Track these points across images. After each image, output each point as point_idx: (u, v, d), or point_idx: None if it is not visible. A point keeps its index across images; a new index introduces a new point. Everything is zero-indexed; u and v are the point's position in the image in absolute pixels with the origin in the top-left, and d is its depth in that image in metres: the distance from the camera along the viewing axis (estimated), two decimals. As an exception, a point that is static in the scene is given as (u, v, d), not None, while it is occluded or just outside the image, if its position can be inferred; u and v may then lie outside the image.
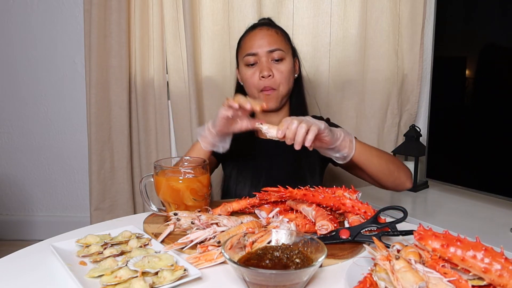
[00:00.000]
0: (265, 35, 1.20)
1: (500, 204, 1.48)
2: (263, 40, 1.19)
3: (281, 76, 1.18)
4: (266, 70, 1.17)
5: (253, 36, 1.21)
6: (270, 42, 1.19)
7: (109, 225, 0.88)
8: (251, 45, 1.20)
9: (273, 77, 1.18)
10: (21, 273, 0.67)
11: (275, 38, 1.20)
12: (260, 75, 1.18)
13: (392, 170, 1.06)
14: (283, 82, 1.19)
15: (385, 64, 1.78)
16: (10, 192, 2.30)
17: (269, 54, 1.18)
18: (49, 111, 2.20)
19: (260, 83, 1.18)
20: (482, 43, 1.44)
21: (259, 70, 1.18)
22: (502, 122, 1.36)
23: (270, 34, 1.21)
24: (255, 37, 1.21)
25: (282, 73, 1.18)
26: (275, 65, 1.19)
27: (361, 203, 0.85)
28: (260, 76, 1.18)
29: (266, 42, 1.19)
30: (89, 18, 1.81)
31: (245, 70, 1.22)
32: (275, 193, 0.86)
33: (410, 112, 1.86)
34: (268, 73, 1.17)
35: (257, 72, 1.19)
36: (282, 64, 1.19)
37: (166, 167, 0.90)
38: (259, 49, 1.18)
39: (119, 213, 1.97)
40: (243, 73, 1.23)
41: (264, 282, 0.57)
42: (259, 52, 1.18)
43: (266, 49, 1.18)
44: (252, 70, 1.20)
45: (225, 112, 0.95)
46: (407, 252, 0.59)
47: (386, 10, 1.74)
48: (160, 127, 1.95)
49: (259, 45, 1.19)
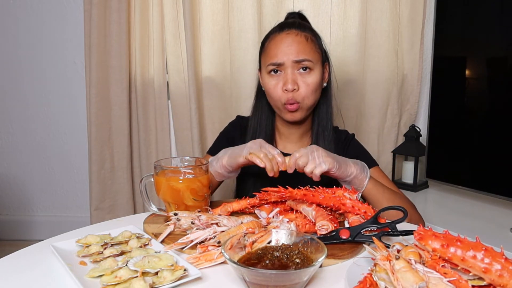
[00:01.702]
0: (293, 42, 1.07)
1: (500, 204, 1.48)
2: (290, 48, 1.07)
3: (306, 89, 1.07)
4: (290, 83, 1.06)
5: (280, 42, 1.08)
6: (298, 50, 1.06)
7: (109, 225, 0.88)
8: (276, 53, 1.08)
9: (298, 90, 1.07)
10: (21, 273, 0.67)
11: (303, 46, 1.07)
12: (283, 88, 1.07)
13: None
14: (309, 96, 1.08)
15: (385, 64, 1.78)
16: (10, 192, 2.30)
17: (295, 64, 1.07)
18: (49, 111, 2.20)
19: (284, 96, 1.08)
20: (482, 43, 1.44)
21: (283, 81, 1.08)
22: (502, 122, 1.36)
23: (299, 41, 1.08)
24: (282, 43, 1.08)
25: (308, 86, 1.07)
26: (301, 76, 1.07)
27: (361, 203, 0.85)
28: (283, 89, 1.08)
29: (294, 50, 1.06)
30: (89, 18, 1.81)
31: (268, 79, 1.11)
32: (275, 193, 0.86)
33: (410, 112, 1.86)
34: (292, 87, 1.06)
35: (281, 83, 1.08)
36: (309, 75, 1.08)
37: (166, 167, 0.90)
38: (285, 58, 1.07)
39: (119, 213, 1.97)
40: (266, 82, 1.12)
41: (264, 282, 0.57)
42: (284, 61, 1.07)
43: (293, 58, 1.06)
44: (275, 81, 1.09)
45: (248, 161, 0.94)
46: (407, 252, 0.59)
47: (386, 10, 1.74)
48: (160, 127, 1.95)
49: (286, 53, 1.07)
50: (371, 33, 1.77)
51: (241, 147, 0.98)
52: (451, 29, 1.54)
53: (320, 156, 0.91)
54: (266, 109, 1.21)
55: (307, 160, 0.91)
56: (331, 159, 0.92)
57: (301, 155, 0.91)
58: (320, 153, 0.92)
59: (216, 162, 1.01)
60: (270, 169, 0.91)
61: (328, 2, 1.80)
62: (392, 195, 1.03)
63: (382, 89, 1.81)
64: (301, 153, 0.91)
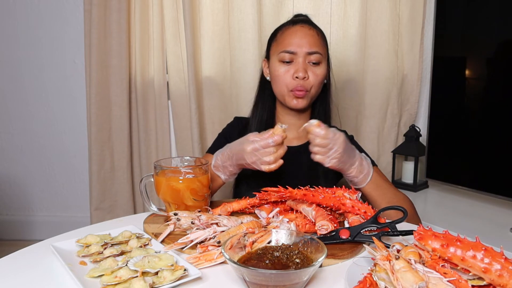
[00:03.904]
0: (306, 34, 1.14)
1: (500, 204, 1.48)
2: (304, 40, 1.13)
3: (315, 80, 1.13)
4: (302, 71, 1.11)
5: (294, 33, 1.14)
6: (311, 43, 1.13)
7: (109, 225, 0.88)
8: (290, 42, 1.14)
9: (307, 79, 1.13)
10: (21, 273, 0.67)
11: (315, 40, 1.14)
12: (294, 75, 1.12)
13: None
14: (316, 86, 1.15)
15: (385, 64, 1.78)
16: (11, 192, 2.30)
17: (307, 56, 1.13)
18: (50, 111, 2.20)
19: (293, 83, 1.13)
20: (482, 43, 1.44)
21: (294, 69, 1.13)
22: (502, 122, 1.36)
23: (312, 35, 1.14)
24: (296, 34, 1.14)
25: (317, 77, 1.14)
26: (312, 67, 1.14)
27: (361, 203, 0.85)
28: (294, 76, 1.12)
29: (307, 42, 1.12)
30: (89, 18, 1.81)
31: (278, 66, 1.15)
32: (275, 193, 0.86)
33: (410, 112, 1.86)
34: (303, 75, 1.11)
35: (292, 70, 1.13)
36: (318, 67, 1.14)
37: (166, 167, 0.90)
38: (298, 49, 1.12)
39: (119, 213, 1.97)
40: (275, 69, 1.16)
41: (264, 282, 0.57)
42: (298, 51, 1.12)
43: (306, 50, 1.12)
44: (286, 68, 1.14)
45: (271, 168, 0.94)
46: (407, 252, 0.60)
47: (386, 10, 1.74)
48: (160, 127, 1.95)
49: (299, 44, 1.12)
50: (371, 33, 1.77)
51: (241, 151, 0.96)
52: (451, 29, 1.54)
53: (335, 152, 0.93)
54: (269, 99, 1.25)
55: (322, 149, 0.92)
56: (338, 163, 0.94)
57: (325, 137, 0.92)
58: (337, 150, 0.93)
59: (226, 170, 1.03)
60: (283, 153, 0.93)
61: (328, 2, 1.80)
62: (394, 194, 1.04)
63: (382, 89, 1.80)
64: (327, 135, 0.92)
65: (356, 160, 0.99)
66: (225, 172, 1.03)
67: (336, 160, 0.93)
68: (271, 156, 0.92)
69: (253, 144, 0.93)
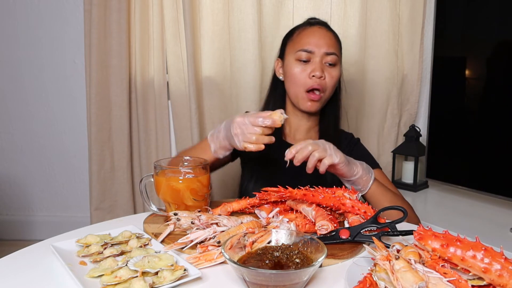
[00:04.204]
0: (325, 35, 1.15)
1: (500, 204, 1.48)
2: (322, 40, 1.13)
3: (330, 81, 1.14)
4: (319, 70, 1.11)
5: (312, 33, 1.15)
6: (328, 44, 1.13)
7: (109, 225, 0.88)
8: (308, 41, 1.14)
9: (324, 79, 1.13)
10: (21, 273, 0.67)
11: (333, 42, 1.15)
12: (311, 74, 1.12)
13: None
14: (330, 88, 1.15)
15: (385, 64, 1.78)
16: (11, 192, 2.30)
17: (324, 56, 1.13)
18: (50, 111, 2.20)
19: (309, 82, 1.12)
20: (482, 43, 1.44)
21: (310, 68, 1.12)
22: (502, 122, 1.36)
23: (329, 37, 1.15)
24: (314, 34, 1.14)
25: (332, 78, 1.14)
26: (328, 68, 1.14)
27: (361, 203, 0.85)
28: (311, 75, 1.12)
29: (325, 43, 1.13)
30: (89, 18, 1.81)
31: (295, 65, 1.15)
32: (275, 193, 0.86)
33: (410, 112, 1.86)
34: (320, 74, 1.11)
35: (308, 69, 1.13)
36: (334, 69, 1.15)
37: (166, 167, 0.90)
38: (316, 48, 1.12)
39: (119, 213, 1.97)
40: (291, 67, 1.16)
41: (264, 282, 0.57)
42: (315, 51, 1.12)
43: (324, 50, 1.12)
44: (302, 67, 1.14)
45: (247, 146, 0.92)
46: (407, 252, 0.60)
47: (386, 10, 1.74)
48: (160, 127, 1.95)
49: (318, 44, 1.13)
50: (371, 33, 1.77)
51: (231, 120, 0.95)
52: (451, 29, 1.54)
53: (331, 148, 0.92)
54: (279, 99, 1.25)
55: (318, 148, 0.90)
56: (341, 154, 0.93)
57: (307, 144, 0.90)
58: (331, 146, 0.93)
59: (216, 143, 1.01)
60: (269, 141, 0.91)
61: (328, 2, 1.80)
62: (394, 197, 1.04)
63: (382, 89, 1.81)
64: (307, 142, 0.91)
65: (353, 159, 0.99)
66: (215, 142, 1.01)
67: (339, 153, 0.93)
68: (253, 135, 0.90)
69: (244, 116, 0.92)
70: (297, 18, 1.81)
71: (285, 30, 1.87)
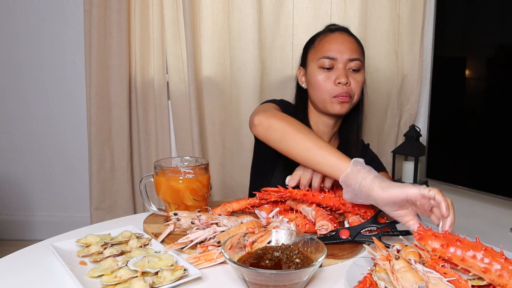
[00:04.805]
0: (346, 41, 1.13)
1: (500, 204, 1.48)
2: (344, 46, 1.12)
3: (356, 86, 1.12)
4: (344, 77, 1.09)
5: (334, 39, 1.13)
6: (351, 50, 1.12)
7: (109, 225, 0.88)
8: (330, 48, 1.12)
9: (350, 85, 1.11)
10: (21, 273, 0.67)
11: (356, 47, 1.13)
12: (336, 81, 1.10)
13: None
14: (357, 92, 1.13)
15: (385, 64, 1.78)
16: (11, 192, 2.30)
17: (347, 63, 1.11)
18: (50, 111, 2.20)
19: (335, 89, 1.10)
20: (482, 43, 1.44)
21: (335, 75, 1.10)
22: (502, 122, 1.36)
23: (352, 42, 1.14)
24: (336, 40, 1.13)
25: (358, 83, 1.12)
26: (352, 74, 1.12)
27: (361, 203, 0.84)
28: (336, 82, 1.10)
29: (348, 49, 1.11)
30: (89, 18, 1.81)
31: (318, 72, 1.13)
32: (275, 193, 0.86)
33: (410, 112, 1.86)
34: (345, 81, 1.09)
35: (333, 77, 1.11)
36: (358, 74, 1.13)
37: (166, 167, 0.90)
38: (339, 55, 1.10)
39: (119, 213, 1.97)
40: (314, 75, 1.14)
41: (264, 282, 0.57)
42: (338, 57, 1.11)
43: (347, 56, 1.10)
44: (326, 74, 1.12)
45: None
46: (407, 252, 0.60)
47: (386, 10, 1.74)
48: (160, 127, 1.95)
49: (340, 50, 1.11)
50: (371, 33, 1.77)
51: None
52: (451, 29, 1.54)
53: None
54: (304, 108, 1.22)
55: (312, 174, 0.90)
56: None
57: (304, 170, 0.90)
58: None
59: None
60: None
61: (328, 2, 1.80)
62: None
63: (382, 89, 1.81)
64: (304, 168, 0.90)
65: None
66: None
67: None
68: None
69: None
70: (297, 18, 1.82)
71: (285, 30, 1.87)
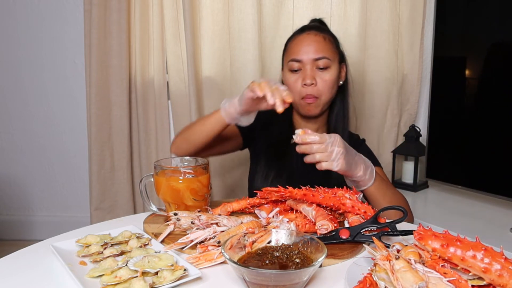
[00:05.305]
0: (312, 41, 1.15)
1: (500, 204, 1.48)
2: (309, 47, 1.15)
3: (324, 85, 1.15)
4: (309, 78, 1.13)
5: (300, 41, 1.17)
6: (317, 49, 1.14)
7: (109, 225, 0.88)
8: (297, 50, 1.16)
9: (316, 85, 1.14)
10: (21, 273, 0.67)
11: (322, 45, 1.15)
12: (302, 83, 1.15)
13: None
14: (326, 92, 1.16)
15: (385, 64, 1.78)
16: (11, 192, 2.30)
17: (314, 62, 1.14)
18: (50, 111, 2.20)
19: (302, 90, 1.15)
20: (482, 43, 1.44)
21: (302, 77, 1.15)
22: (502, 122, 1.36)
23: (318, 41, 1.16)
24: (302, 42, 1.16)
25: (325, 82, 1.15)
26: (319, 73, 1.15)
27: (361, 203, 0.85)
28: (302, 84, 1.15)
29: (313, 49, 1.14)
30: (89, 18, 1.81)
31: (289, 75, 1.19)
32: (275, 193, 0.86)
33: (410, 112, 1.86)
34: (311, 82, 1.13)
35: (300, 79, 1.16)
36: (326, 72, 1.15)
37: (166, 167, 0.90)
38: (304, 56, 1.14)
39: (119, 213, 1.97)
40: (286, 77, 1.20)
41: (264, 282, 0.57)
42: (304, 59, 1.15)
43: (312, 56, 1.14)
44: (295, 77, 1.17)
45: (251, 93, 0.90)
46: (407, 252, 0.60)
47: (386, 10, 1.74)
48: (160, 127, 1.95)
49: (305, 51, 1.15)
50: (371, 33, 1.77)
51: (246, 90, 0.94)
52: (451, 29, 1.54)
53: (338, 153, 0.90)
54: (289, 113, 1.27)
55: (323, 151, 0.89)
56: (345, 163, 0.91)
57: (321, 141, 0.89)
58: (340, 151, 0.90)
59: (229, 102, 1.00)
60: (271, 97, 0.87)
61: (328, 2, 1.80)
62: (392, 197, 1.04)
63: (382, 89, 1.81)
64: (323, 139, 0.89)
65: (359, 158, 0.98)
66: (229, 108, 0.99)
67: (342, 160, 0.91)
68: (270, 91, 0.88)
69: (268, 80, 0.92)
70: (297, 18, 1.82)
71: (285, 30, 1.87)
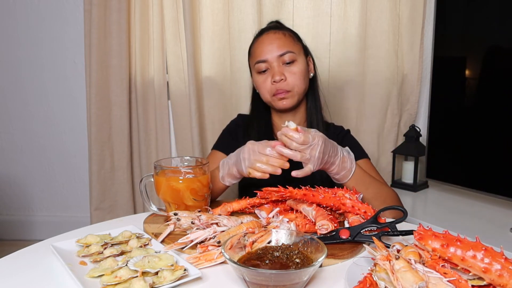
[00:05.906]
0: (273, 39, 1.17)
1: (500, 204, 1.48)
2: (271, 45, 1.16)
3: (294, 78, 1.16)
4: (278, 75, 1.15)
5: (261, 43, 1.19)
6: (279, 45, 1.16)
7: (109, 225, 0.88)
8: (260, 51, 1.18)
9: (285, 80, 1.16)
10: (21, 273, 0.67)
11: (283, 41, 1.17)
12: (272, 80, 1.16)
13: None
14: (298, 83, 1.17)
15: (385, 64, 1.78)
16: (11, 192, 2.30)
17: (279, 58, 1.16)
18: (50, 111, 2.20)
19: (273, 88, 1.17)
20: (482, 43, 1.44)
21: (271, 75, 1.17)
22: (502, 122, 1.36)
23: (278, 38, 1.18)
24: (263, 43, 1.18)
25: (295, 75, 1.16)
26: (287, 68, 1.16)
27: (361, 203, 0.85)
28: (272, 81, 1.16)
29: (275, 46, 1.16)
30: (89, 18, 1.81)
31: (258, 77, 1.20)
32: (275, 193, 0.86)
33: (410, 112, 1.86)
34: (280, 77, 1.15)
35: (269, 77, 1.17)
36: (294, 66, 1.17)
37: (166, 167, 0.90)
38: (268, 55, 1.16)
39: (119, 213, 1.97)
40: (256, 80, 1.22)
41: (264, 282, 0.57)
42: (269, 58, 1.16)
43: (276, 53, 1.16)
44: (264, 77, 1.19)
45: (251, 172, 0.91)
46: (407, 252, 0.60)
47: (386, 10, 1.74)
48: (160, 127, 1.95)
49: (268, 50, 1.16)
50: (371, 33, 1.77)
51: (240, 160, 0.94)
52: (451, 29, 1.54)
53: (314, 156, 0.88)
54: (262, 109, 1.29)
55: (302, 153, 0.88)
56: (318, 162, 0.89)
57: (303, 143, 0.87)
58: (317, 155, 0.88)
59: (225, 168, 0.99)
60: (274, 171, 0.89)
61: (328, 2, 1.80)
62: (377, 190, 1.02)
63: (382, 89, 1.80)
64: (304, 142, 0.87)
65: (337, 158, 0.95)
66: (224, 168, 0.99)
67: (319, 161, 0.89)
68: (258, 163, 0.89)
69: (255, 144, 0.92)
70: (297, 18, 1.82)
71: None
